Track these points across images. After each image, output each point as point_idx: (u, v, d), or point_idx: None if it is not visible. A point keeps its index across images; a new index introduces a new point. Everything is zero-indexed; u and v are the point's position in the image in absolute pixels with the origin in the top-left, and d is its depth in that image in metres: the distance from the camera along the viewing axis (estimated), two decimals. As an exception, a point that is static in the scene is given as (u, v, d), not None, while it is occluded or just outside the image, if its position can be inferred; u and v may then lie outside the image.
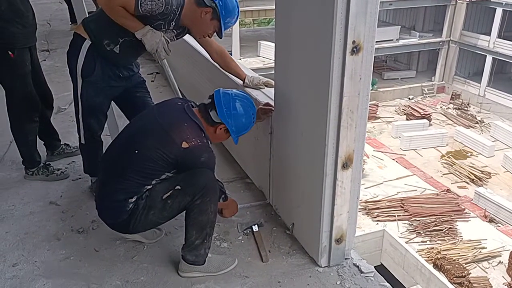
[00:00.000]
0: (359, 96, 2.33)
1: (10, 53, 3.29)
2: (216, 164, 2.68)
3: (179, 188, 2.49)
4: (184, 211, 2.56)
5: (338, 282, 2.59)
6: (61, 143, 4.04)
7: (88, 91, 3.05)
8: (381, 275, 2.67)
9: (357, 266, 2.68)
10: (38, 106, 3.64)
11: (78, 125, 3.22)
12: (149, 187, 2.52)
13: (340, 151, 2.41)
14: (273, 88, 3.01)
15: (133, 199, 2.50)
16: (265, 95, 3.25)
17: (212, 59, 3.42)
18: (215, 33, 2.97)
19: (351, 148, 2.43)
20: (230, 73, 3.45)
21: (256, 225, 3.05)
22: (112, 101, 3.31)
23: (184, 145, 2.44)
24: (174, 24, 2.90)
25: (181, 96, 3.11)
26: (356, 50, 2.22)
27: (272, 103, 3.03)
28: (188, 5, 2.85)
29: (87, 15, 3.42)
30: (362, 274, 2.63)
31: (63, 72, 3.11)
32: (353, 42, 2.19)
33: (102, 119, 3.27)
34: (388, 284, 2.57)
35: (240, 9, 2.94)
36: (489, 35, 24.76)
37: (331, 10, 2.14)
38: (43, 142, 3.89)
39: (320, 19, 2.28)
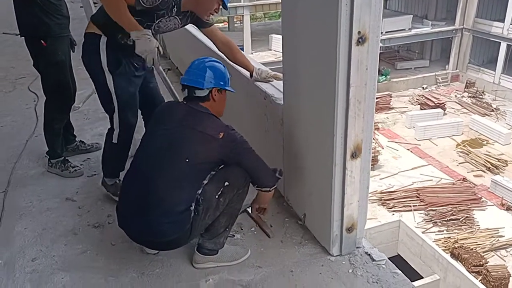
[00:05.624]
0: (366, 86, 2.34)
1: (42, 41, 3.51)
2: None
3: (228, 183, 2.58)
4: None
5: (350, 270, 2.62)
6: (76, 139, 4.12)
7: (121, 83, 3.02)
8: (398, 265, 2.69)
9: (369, 254, 2.70)
10: (71, 97, 3.77)
11: (112, 123, 3.16)
12: (199, 191, 2.55)
13: (349, 141, 2.43)
14: (282, 81, 3.04)
15: (192, 207, 2.53)
16: (275, 88, 3.28)
17: (218, 49, 3.38)
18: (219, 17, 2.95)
19: (360, 138, 2.45)
20: (238, 65, 3.43)
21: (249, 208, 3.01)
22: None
23: (220, 135, 2.53)
24: (176, 10, 2.89)
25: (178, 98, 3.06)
26: (361, 40, 2.23)
27: (281, 95, 3.06)
28: None
29: (93, 12, 3.45)
30: (373, 262, 2.65)
31: (75, 71, 3.17)
32: (359, 32, 2.21)
33: (137, 111, 3.22)
34: (399, 271, 2.59)
35: (251, 3, 2.96)
36: (503, 22, 24.45)
37: (335, 1, 2.16)
38: None
39: (325, 10, 2.30)
